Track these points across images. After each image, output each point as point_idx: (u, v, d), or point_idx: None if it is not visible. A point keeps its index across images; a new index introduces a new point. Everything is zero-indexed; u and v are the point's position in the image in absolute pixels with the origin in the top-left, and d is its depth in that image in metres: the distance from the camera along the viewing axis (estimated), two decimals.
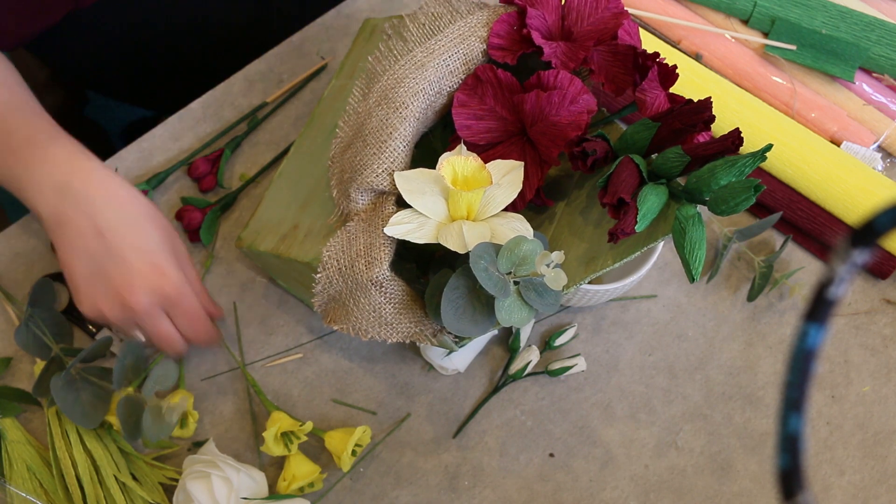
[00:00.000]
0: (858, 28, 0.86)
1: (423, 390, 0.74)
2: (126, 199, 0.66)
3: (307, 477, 0.67)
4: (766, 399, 0.75)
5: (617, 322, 0.77)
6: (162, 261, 0.65)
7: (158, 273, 0.64)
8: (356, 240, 0.64)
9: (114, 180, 0.66)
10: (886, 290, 0.80)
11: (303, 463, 0.68)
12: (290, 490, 0.67)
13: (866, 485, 0.73)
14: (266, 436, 0.66)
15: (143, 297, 0.64)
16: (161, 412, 0.64)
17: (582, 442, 0.73)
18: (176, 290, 0.65)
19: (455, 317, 0.60)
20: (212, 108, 0.85)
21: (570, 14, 0.68)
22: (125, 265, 0.64)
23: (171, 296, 0.65)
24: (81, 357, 0.68)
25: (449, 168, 0.62)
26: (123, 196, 0.66)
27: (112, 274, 0.64)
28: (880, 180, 0.80)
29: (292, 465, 0.67)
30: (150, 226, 0.66)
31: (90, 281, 0.65)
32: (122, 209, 0.65)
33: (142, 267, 0.64)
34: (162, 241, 0.66)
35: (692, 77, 0.83)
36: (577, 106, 0.63)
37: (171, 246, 0.67)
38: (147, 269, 0.64)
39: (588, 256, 0.64)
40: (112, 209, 0.64)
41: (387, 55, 0.69)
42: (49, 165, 0.66)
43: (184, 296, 0.66)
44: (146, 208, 0.67)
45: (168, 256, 0.66)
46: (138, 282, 0.64)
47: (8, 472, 0.67)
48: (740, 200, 0.56)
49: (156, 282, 0.64)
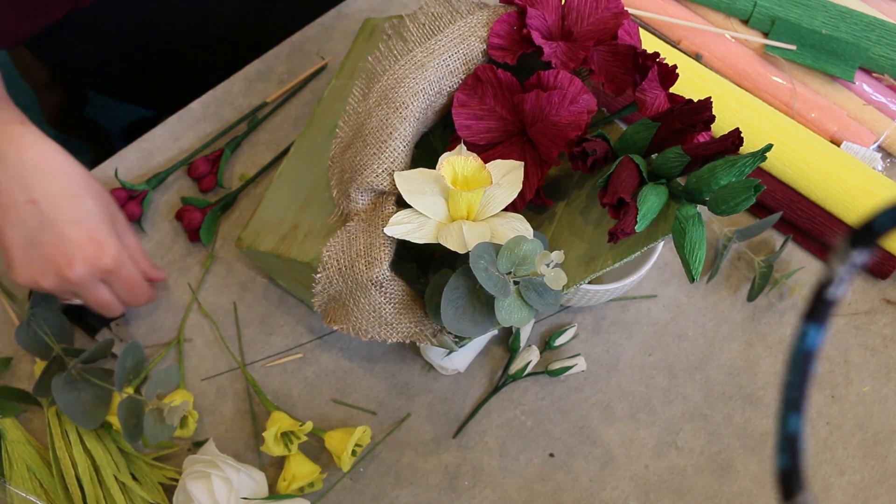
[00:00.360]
0: (858, 28, 0.86)
1: (423, 390, 0.74)
2: (61, 168, 0.64)
3: (307, 477, 0.67)
4: (766, 399, 0.75)
5: (617, 322, 0.77)
6: (99, 233, 0.64)
7: (96, 245, 0.63)
8: (356, 240, 0.64)
9: (49, 149, 0.65)
10: (886, 290, 0.80)
11: (303, 463, 0.68)
12: (291, 490, 0.67)
13: (866, 485, 0.73)
14: (266, 436, 0.66)
15: (80, 268, 0.63)
16: (162, 414, 0.64)
17: (582, 442, 0.73)
18: (114, 260, 0.64)
19: (455, 317, 0.60)
20: (212, 108, 0.85)
21: (570, 14, 0.68)
22: (62, 237, 0.63)
23: (108, 266, 0.64)
24: (83, 358, 0.68)
25: (449, 168, 0.62)
26: (58, 165, 0.64)
27: (48, 245, 0.63)
28: (880, 180, 0.80)
29: (292, 464, 0.67)
30: (87, 195, 0.64)
31: (26, 251, 0.64)
32: (57, 179, 0.64)
33: (79, 239, 0.63)
34: (99, 212, 0.65)
35: (692, 77, 0.83)
36: (577, 106, 0.63)
37: (108, 215, 0.66)
38: (84, 241, 0.63)
39: (588, 256, 0.64)
40: (47, 179, 0.63)
41: (387, 55, 0.69)
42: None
43: (122, 265, 0.65)
44: (82, 178, 0.65)
45: (105, 227, 0.65)
46: (76, 253, 0.63)
47: (8, 472, 0.67)
48: (740, 200, 0.56)
49: (93, 253, 0.63)
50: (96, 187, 0.66)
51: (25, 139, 0.64)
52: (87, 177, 0.66)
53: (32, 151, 0.64)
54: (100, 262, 0.64)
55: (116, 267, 0.65)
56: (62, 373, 0.67)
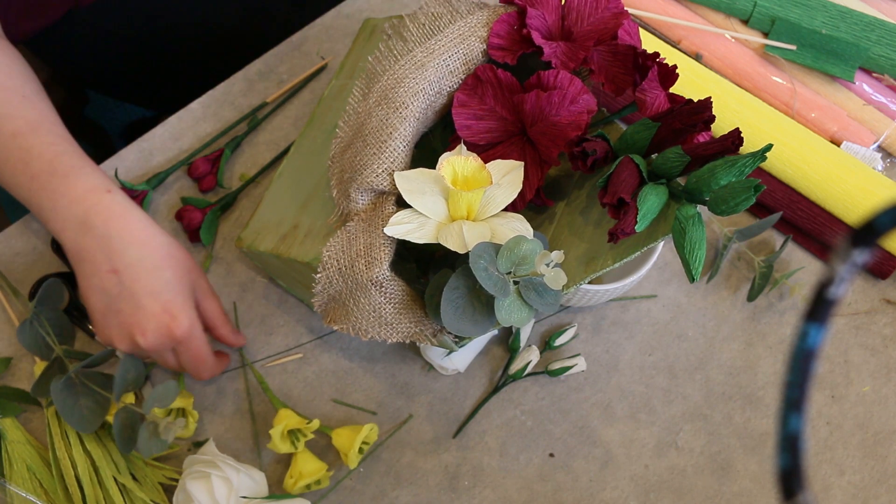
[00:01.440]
0: (858, 28, 0.86)
1: (423, 390, 0.74)
2: (144, 239, 0.67)
3: (314, 474, 0.67)
4: (766, 399, 0.75)
5: (617, 322, 0.77)
6: (174, 305, 0.66)
7: (169, 316, 0.65)
8: (356, 240, 0.64)
9: (133, 217, 0.67)
10: (886, 290, 0.80)
11: (310, 460, 0.68)
12: (297, 487, 0.67)
13: (866, 485, 0.73)
14: (273, 433, 0.66)
15: (152, 338, 0.65)
16: (158, 429, 0.64)
17: (582, 442, 0.73)
18: (184, 333, 0.66)
19: (455, 317, 0.60)
20: (212, 108, 0.85)
21: (570, 14, 0.68)
22: (138, 306, 0.65)
23: (178, 338, 0.66)
24: (87, 363, 0.68)
25: (449, 168, 0.62)
26: (141, 235, 0.67)
27: (125, 313, 0.65)
28: (880, 180, 0.80)
29: (299, 462, 0.67)
30: (167, 266, 0.67)
31: (105, 314, 0.66)
32: (139, 249, 0.66)
33: (154, 310, 0.65)
34: (177, 283, 0.67)
35: (692, 77, 0.83)
36: (577, 106, 0.63)
37: (187, 285, 0.68)
38: (159, 312, 0.65)
39: (588, 256, 0.64)
40: (130, 249, 0.66)
41: (387, 55, 0.69)
42: (70, 199, 0.67)
43: (191, 339, 0.67)
44: (164, 248, 0.67)
45: (181, 298, 0.67)
46: (149, 324, 0.65)
47: (8, 472, 0.67)
48: (740, 200, 0.56)
49: (166, 324, 0.65)
50: (178, 256, 0.68)
51: (113, 210, 0.66)
52: (169, 246, 0.68)
53: (118, 222, 0.66)
54: (171, 333, 0.66)
55: (186, 339, 0.67)
56: (62, 376, 0.67)
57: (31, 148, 0.68)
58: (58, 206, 0.67)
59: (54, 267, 0.77)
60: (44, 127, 0.70)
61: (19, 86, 0.72)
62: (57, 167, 0.68)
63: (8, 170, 0.69)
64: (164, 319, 0.65)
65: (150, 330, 0.65)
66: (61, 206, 0.67)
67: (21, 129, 0.69)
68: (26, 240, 0.78)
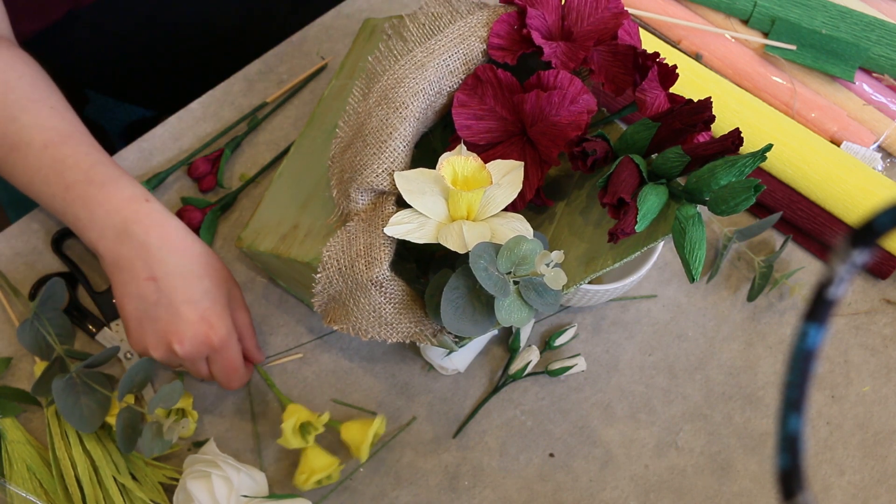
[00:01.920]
0: (858, 28, 0.86)
1: (423, 390, 0.74)
2: (182, 247, 0.67)
3: (326, 469, 0.66)
4: (766, 399, 0.75)
5: (617, 322, 0.77)
6: (212, 313, 0.66)
7: (207, 325, 0.66)
8: (356, 240, 0.64)
9: (172, 227, 0.68)
10: (886, 290, 0.80)
11: (320, 455, 0.67)
12: (310, 483, 0.66)
13: (866, 485, 0.73)
14: (285, 427, 0.66)
15: (189, 346, 0.66)
16: (162, 429, 0.64)
17: (582, 442, 0.73)
18: (221, 342, 0.67)
19: (455, 317, 0.60)
20: (212, 108, 0.85)
21: (570, 14, 0.68)
22: (176, 315, 0.65)
23: (215, 347, 0.67)
24: (88, 363, 0.68)
25: (449, 168, 0.62)
26: (180, 245, 0.67)
27: (162, 320, 0.66)
28: (880, 180, 0.80)
29: (310, 457, 0.67)
30: (205, 275, 0.67)
31: (140, 322, 0.67)
32: (178, 258, 0.66)
33: (192, 318, 0.65)
34: (215, 291, 0.67)
35: (692, 77, 0.83)
36: (577, 106, 0.63)
37: (224, 294, 0.68)
38: (196, 321, 0.66)
39: (588, 256, 0.64)
40: (169, 258, 0.66)
41: (387, 55, 0.69)
42: (108, 208, 0.67)
43: (227, 348, 0.67)
44: (202, 257, 0.68)
45: (218, 307, 0.67)
46: (187, 332, 0.65)
47: (8, 472, 0.68)
48: (740, 200, 0.56)
49: (203, 333, 0.66)
50: (216, 266, 0.69)
51: (152, 218, 0.67)
52: (207, 256, 0.68)
53: (158, 230, 0.67)
54: (208, 341, 0.66)
55: (222, 348, 0.67)
56: (63, 375, 0.67)
57: (65, 158, 0.69)
58: (95, 216, 0.67)
59: (54, 267, 0.77)
60: (74, 138, 0.71)
61: (45, 97, 0.72)
62: (93, 177, 0.68)
63: (39, 180, 0.69)
64: (202, 328, 0.66)
65: (187, 338, 0.65)
66: (99, 215, 0.67)
67: (53, 139, 0.69)
68: (26, 240, 0.78)
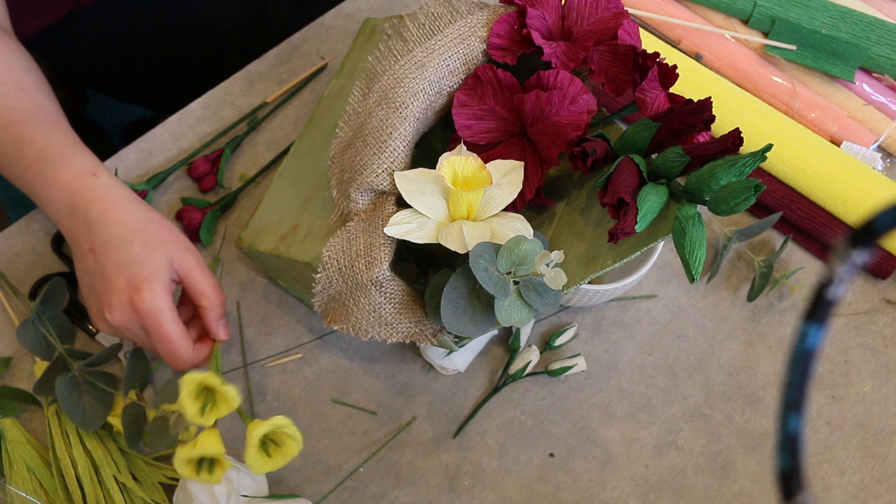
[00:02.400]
0: (858, 28, 0.86)
1: (423, 390, 0.74)
2: (119, 216, 0.65)
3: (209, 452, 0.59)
4: (766, 399, 0.75)
5: (617, 322, 0.77)
6: (138, 278, 0.62)
7: (133, 289, 0.62)
8: (356, 240, 0.64)
9: (114, 197, 0.66)
10: (886, 290, 0.80)
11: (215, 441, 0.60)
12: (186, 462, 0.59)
13: (866, 485, 0.73)
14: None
15: (118, 314, 0.63)
16: (167, 424, 0.63)
17: (582, 442, 0.73)
18: (147, 308, 0.62)
19: (455, 317, 0.60)
20: (212, 108, 0.85)
21: (570, 14, 0.68)
22: (107, 283, 0.63)
23: (141, 313, 0.63)
24: (89, 361, 0.68)
25: (449, 168, 0.62)
26: (117, 213, 0.65)
27: (98, 291, 0.64)
28: (880, 180, 0.80)
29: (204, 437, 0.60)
30: (135, 239, 0.64)
31: (87, 297, 0.66)
32: (113, 227, 0.65)
33: (119, 283, 0.63)
34: (145, 256, 0.63)
35: (692, 77, 0.83)
36: (577, 106, 0.63)
37: (161, 259, 0.64)
38: (123, 286, 0.63)
39: (588, 256, 0.64)
40: (104, 228, 0.64)
41: (387, 55, 0.69)
42: (58, 186, 0.66)
43: (156, 314, 0.63)
44: (137, 223, 0.65)
45: (146, 272, 0.63)
46: (114, 299, 0.63)
47: (8, 472, 0.67)
48: (740, 200, 0.56)
49: (128, 298, 0.63)
50: (152, 230, 0.65)
51: (95, 192, 0.66)
52: (145, 221, 0.65)
53: (98, 203, 0.65)
54: (134, 307, 0.62)
55: (150, 315, 0.63)
56: (66, 374, 0.67)
57: (23, 138, 0.68)
58: (50, 195, 0.67)
59: (54, 267, 0.77)
60: (37, 117, 0.70)
61: (18, 78, 0.72)
62: (45, 155, 0.67)
63: (5, 162, 0.69)
64: (127, 293, 0.62)
65: (115, 305, 0.63)
66: (52, 194, 0.67)
67: (15, 119, 0.69)
68: (26, 240, 0.78)
